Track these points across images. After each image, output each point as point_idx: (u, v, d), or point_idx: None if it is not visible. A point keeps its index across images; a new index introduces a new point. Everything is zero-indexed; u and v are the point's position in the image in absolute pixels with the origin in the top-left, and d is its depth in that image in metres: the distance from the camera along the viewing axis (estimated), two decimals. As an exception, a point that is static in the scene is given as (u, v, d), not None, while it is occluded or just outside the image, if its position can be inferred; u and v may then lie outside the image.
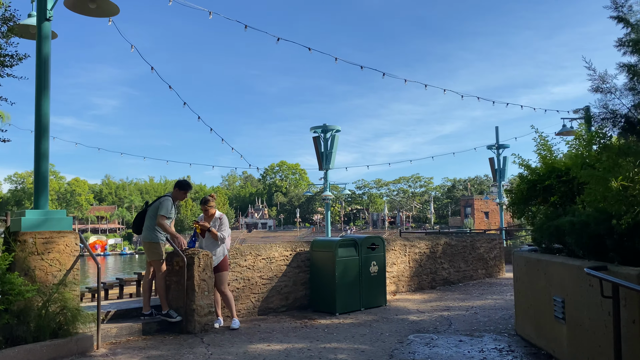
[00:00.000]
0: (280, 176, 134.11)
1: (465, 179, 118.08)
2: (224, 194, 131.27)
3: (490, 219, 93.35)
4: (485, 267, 12.00)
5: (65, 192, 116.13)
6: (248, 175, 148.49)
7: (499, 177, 31.41)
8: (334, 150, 21.71)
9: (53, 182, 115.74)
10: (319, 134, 22.20)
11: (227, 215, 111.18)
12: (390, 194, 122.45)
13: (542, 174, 6.67)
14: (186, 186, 7.15)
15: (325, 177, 21.96)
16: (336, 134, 22.06)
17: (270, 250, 8.04)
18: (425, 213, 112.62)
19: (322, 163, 21.91)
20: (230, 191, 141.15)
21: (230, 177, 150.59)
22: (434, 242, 10.82)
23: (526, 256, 6.03)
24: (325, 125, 21.80)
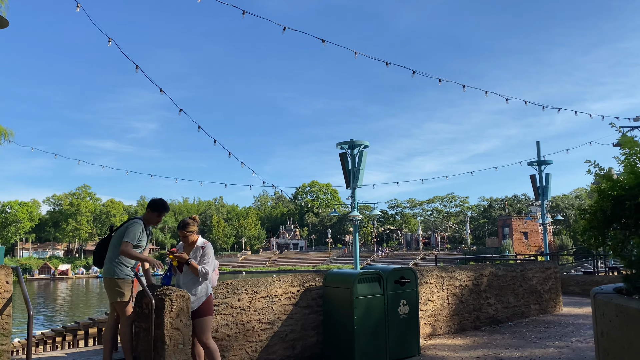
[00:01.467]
0: (312, 196, 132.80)
1: (502, 198, 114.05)
2: (255, 215, 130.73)
3: (529, 240, 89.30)
4: (539, 301, 10.06)
5: (100, 214, 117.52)
6: (280, 196, 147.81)
7: (542, 196, 29.01)
8: (362, 167, 20.08)
9: (89, 204, 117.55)
10: (345, 150, 20.63)
11: (259, 236, 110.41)
12: (424, 214, 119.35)
13: (631, 186, 4.89)
14: (161, 207, 5.69)
15: (352, 196, 20.28)
16: (364, 150, 20.43)
17: (272, 285, 6.41)
18: (461, 234, 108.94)
19: (350, 181, 20.28)
20: (262, 211, 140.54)
21: (262, 197, 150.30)
22: (478, 273, 9.01)
23: (622, 305, 4.21)
24: (353, 140, 20.22)
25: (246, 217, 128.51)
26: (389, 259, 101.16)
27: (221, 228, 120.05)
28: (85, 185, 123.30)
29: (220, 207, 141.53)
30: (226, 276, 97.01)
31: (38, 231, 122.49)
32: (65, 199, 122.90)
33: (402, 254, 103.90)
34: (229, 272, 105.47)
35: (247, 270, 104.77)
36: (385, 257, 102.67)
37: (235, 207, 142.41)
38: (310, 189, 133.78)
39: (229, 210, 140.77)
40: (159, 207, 5.66)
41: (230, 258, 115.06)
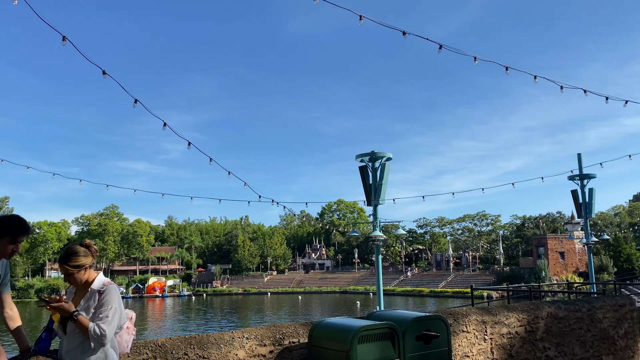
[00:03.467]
0: (338, 215, 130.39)
1: (535, 216, 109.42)
2: (281, 234, 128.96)
3: (566, 260, 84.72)
4: (613, 350, 7.64)
5: (127, 234, 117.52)
6: (306, 215, 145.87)
7: (585, 213, 26.11)
8: (384, 182, 17.87)
9: (116, 224, 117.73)
10: (365, 162, 18.49)
11: (285, 256, 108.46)
12: (455, 233, 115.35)
13: None
14: (10, 228, 3.53)
15: (374, 213, 18.06)
16: (387, 162, 18.25)
17: (231, 345, 4.24)
18: (493, 253, 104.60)
19: (371, 197, 18.08)
20: (288, 231, 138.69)
21: (287, 216, 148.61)
22: (531, 315, 6.71)
23: None
24: (374, 152, 18.07)
25: (272, 236, 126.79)
26: (417, 279, 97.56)
27: (247, 248, 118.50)
28: (113, 206, 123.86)
29: (246, 227, 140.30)
30: (251, 297, 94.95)
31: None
32: (93, 219, 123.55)
33: (432, 274, 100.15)
34: (254, 293, 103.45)
35: (272, 291, 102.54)
36: (414, 278, 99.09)
37: (261, 227, 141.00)
38: (336, 208, 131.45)
39: (254, 229, 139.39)
40: (8, 228, 3.48)
41: (255, 278, 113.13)
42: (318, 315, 58.01)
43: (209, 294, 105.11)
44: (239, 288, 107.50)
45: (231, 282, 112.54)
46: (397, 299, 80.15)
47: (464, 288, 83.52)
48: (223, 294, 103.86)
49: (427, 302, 74.12)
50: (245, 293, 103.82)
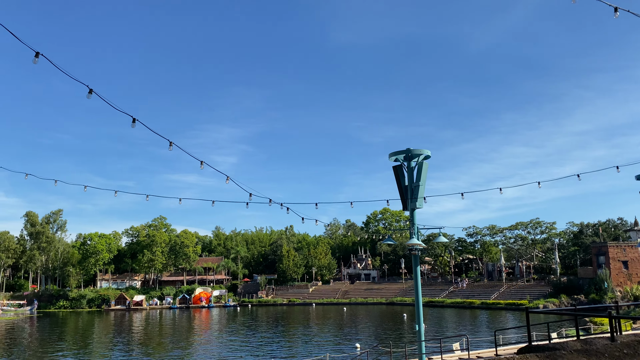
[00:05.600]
0: (384, 224, 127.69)
1: (594, 223, 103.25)
2: (326, 244, 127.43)
3: (630, 270, 78.96)
4: None
5: (174, 244, 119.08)
6: (351, 224, 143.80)
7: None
8: (422, 182, 16.05)
9: (163, 235, 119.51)
10: (400, 161, 16.72)
11: (330, 266, 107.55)
12: (507, 241, 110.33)
13: None
14: None
15: (411, 219, 16.25)
16: (424, 161, 16.42)
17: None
18: (548, 263, 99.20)
19: (407, 200, 16.30)
20: (333, 240, 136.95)
21: (332, 225, 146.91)
22: None
23: None
24: (410, 150, 16.31)
25: (316, 246, 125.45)
26: (468, 291, 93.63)
27: (291, 258, 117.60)
28: (161, 217, 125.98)
29: (291, 236, 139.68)
30: (296, 308, 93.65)
31: (117, 262, 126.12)
32: (142, 230, 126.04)
33: (483, 285, 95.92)
34: (299, 303, 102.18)
35: (317, 302, 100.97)
36: (464, 289, 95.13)
37: (306, 236, 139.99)
38: (382, 217, 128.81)
39: (299, 239, 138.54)
40: None
41: (300, 289, 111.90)
42: (364, 328, 55.89)
43: (254, 304, 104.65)
44: (284, 299, 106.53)
45: (276, 292, 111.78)
46: (447, 311, 76.85)
47: (517, 299, 79.19)
48: (268, 305, 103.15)
49: (479, 314, 70.52)
50: (290, 304, 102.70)
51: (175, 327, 63.60)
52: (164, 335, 54.26)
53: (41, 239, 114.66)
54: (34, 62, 8.08)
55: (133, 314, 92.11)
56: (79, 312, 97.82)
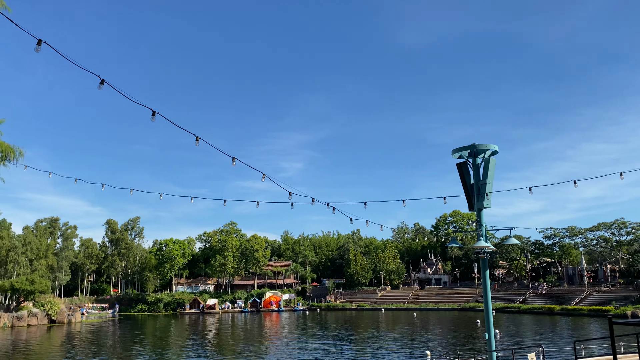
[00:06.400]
0: (454, 227, 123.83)
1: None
2: (394, 248, 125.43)
3: None
4: None
5: (245, 249, 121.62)
6: (419, 227, 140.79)
7: None
8: (489, 180, 14.92)
9: (234, 239, 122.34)
10: (465, 158, 15.66)
11: (398, 271, 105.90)
12: (588, 243, 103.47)
13: None
14: None
15: (478, 219, 15.13)
16: (491, 157, 15.28)
17: None
18: (636, 265, 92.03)
19: (473, 200, 15.21)
20: (401, 244, 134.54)
21: (400, 229, 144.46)
22: None
23: None
24: (474, 145, 15.23)
25: (384, 250, 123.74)
26: (547, 296, 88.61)
27: (359, 262, 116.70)
28: (232, 222, 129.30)
29: (358, 240, 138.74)
30: (365, 313, 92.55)
31: (191, 267, 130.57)
32: (214, 235, 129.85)
33: (563, 290, 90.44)
34: (367, 308, 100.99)
35: (386, 307, 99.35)
36: (541, 294, 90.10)
37: (373, 240, 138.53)
38: (452, 220, 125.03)
39: (366, 243, 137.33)
40: None
41: (368, 294, 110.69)
42: (436, 334, 54.10)
43: (323, 308, 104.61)
44: (352, 303, 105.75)
45: (344, 296, 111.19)
46: (524, 318, 72.98)
47: (601, 305, 73.90)
48: (337, 309, 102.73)
49: (559, 321, 66.35)
50: (358, 309, 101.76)
51: (247, 331, 64.53)
52: (237, 338, 55.15)
53: (121, 246, 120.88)
54: (99, 89, 8.15)
55: (206, 317, 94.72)
56: (156, 316, 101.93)
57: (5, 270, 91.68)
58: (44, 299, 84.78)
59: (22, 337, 60.92)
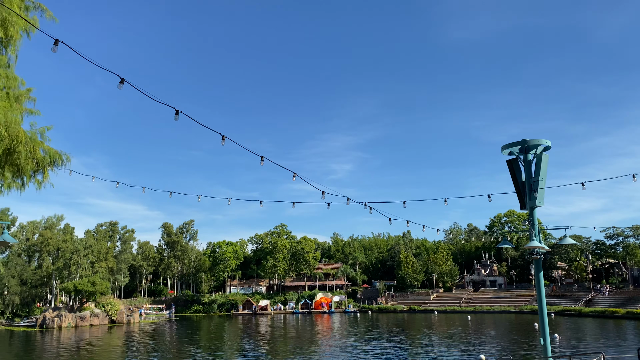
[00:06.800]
0: (509, 227, 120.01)
1: None
2: (446, 249, 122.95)
3: None
4: None
5: (295, 250, 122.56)
6: (473, 228, 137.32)
7: None
8: (541, 177, 14.24)
9: (285, 241, 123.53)
10: (515, 154, 15.04)
11: (451, 272, 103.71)
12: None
13: None
14: None
15: (530, 219, 14.47)
16: (543, 152, 14.59)
17: None
18: None
19: (524, 198, 14.57)
20: (454, 245, 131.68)
21: (452, 230, 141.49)
22: None
23: None
24: (525, 141, 14.59)
25: (436, 252, 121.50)
26: (610, 298, 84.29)
27: (410, 264, 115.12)
28: (282, 224, 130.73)
29: (409, 242, 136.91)
30: (417, 316, 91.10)
31: (244, 268, 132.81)
32: (265, 237, 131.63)
33: (629, 292, 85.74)
34: (420, 311, 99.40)
35: (439, 310, 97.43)
36: (604, 297, 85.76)
37: (425, 242, 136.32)
38: (507, 220, 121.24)
39: (417, 245, 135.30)
40: None
41: (421, 296, 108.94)
42: (491, 338, 52.51)
43: (374, 310, 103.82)
44: (404, 305, 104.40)
45: (396, 299, 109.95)
46: (585, 321, 69.68)
47: (672, 309, 69.55)
48: (388, 312, 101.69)
49: (625, 325, 62.90)
50: (410, 311, 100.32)
51: (299, 332, 64.89)
52: (289, 339, 55.55)
53: (176, 248, 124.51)
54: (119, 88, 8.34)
55: (259, 318, 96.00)
56: (211, 316, 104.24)
57: (69, 273, 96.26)
58: (104, 300, 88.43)
59: (85, 337, 63.76)
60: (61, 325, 77.60)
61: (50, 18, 10.40)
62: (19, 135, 8.78)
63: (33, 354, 47.26)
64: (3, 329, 78.16)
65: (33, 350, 50.50)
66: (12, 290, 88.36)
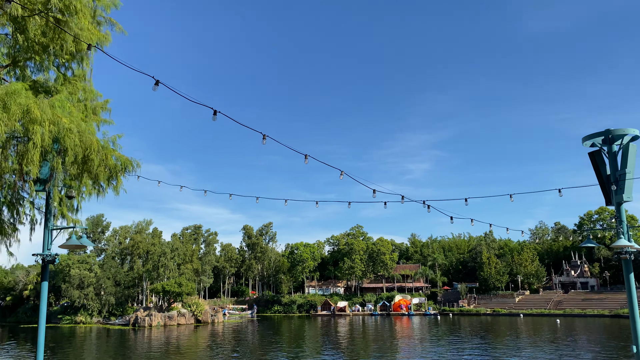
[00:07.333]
0: (601, 225, 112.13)
1: None
2: (532, 249, 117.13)
3: None
4: None
5: (371, 252, 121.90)
6: (561, 227, 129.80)
7: None
8: (628, 170, 13.03)
9: (361, 243, 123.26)
10: (598, 146, 13.90)
11: (538, 274, 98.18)
12: None
13: None
14: None
15: (617, 215, 13.25)
16: (631, 143, 13.36)
17: None
18: None
19: (610, 194, 13.41)
20: (540, 245, 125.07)
21: (538, 229, 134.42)
22: None
23: None
24: (609, 130, 13.44)
25: (521, 252, 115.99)
26: None
27: (492, 265, 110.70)
28: (358, 226, 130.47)
29: (491, 243, 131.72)
30: (502, 319, 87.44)
31: (321, 269, 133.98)
32: (341, 239, 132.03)
33: None
34: (504, 314, 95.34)
35: (525, 313, 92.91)
36: None
37: (509, 242, 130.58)
38: (598, 217, 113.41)
39: (500, 245, 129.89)
40: None
41: (505, 298, 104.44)
42: (583, 344, 49.21)
43: (456, 313, 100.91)
44: (487, 308, 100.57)
45: (478, 301, 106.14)
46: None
47: None
48: (470, 314, 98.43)
49: None
50: (494, 314, 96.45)
51: (378, 333, 64.40)
52: (369, 341, 55.25)
53: (256, 250, 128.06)
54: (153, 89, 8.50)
55: (338, 319, 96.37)
56: (291, 317, 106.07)
57: (158, 274, 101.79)
58: (190, 300, 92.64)
59: (174, 335, 67.08)
60: (151, 324, 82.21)
61: (120, 31, 10.95)
62: (92, 144, 9.27)
63: (129, 350, 50.35)
64: (101, 327, 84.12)
65: (127, 347, 53.81)
66: (107, 291, 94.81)
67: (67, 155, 8.97)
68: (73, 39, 9.03)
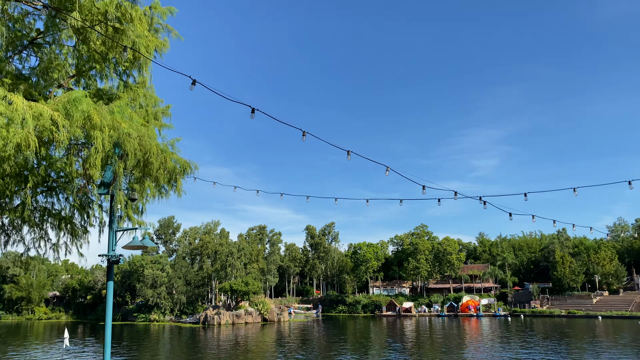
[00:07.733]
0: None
1: None
2: (610, 248, 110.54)
3: None
4: None
5: (437, 252, 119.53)
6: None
7: None
8: None
9: (426, 242, 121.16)
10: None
11: (617, 273, 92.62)
12: None
13: None
14: None
15: None
16: None
17: None
18: None
19: (698, 185, 12.22)
20: (619, 244, 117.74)
21: (617, 226, 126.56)
22: None
23: None
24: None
25: (598, 250, 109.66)
26: None
27: (567, 264, 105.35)
28: (422, 225, 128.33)
29: (565, 241, 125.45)
30: (578, 321, 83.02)
31: (385, 270, 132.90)
32: (405, 238, 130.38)
33: None
34: (580, 316, 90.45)
35: (603, 315, 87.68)
36: None
37: (584, 240, 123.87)
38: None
39: (575, 243, 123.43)
40: None
41: (581, 299, 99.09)
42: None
43: (527, 314, 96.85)
44: (561, 310, 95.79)
45: (551, 302, 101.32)
46: None
47: None
48: (543, 316, 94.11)
49: None
50: (569, 316, 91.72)
51: (446, 336, 62.90)
52: (437, 343, 54.08)
53: (319, 249, 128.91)
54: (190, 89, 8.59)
55: (403, 320, 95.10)
56: (355, 317, 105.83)
57: (225, 274, 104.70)
58: (256, 299, 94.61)
59: (242, 333, 68.73)
60: (220, 323, 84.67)
61: (176, 37, 11.21)
62: (151, 148, 9.52)
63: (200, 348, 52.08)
64: (173, 325, 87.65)
65: (198, 345, 55.67)
66: (179, 290, 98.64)
67: (128, 159, 9.27)
68: (132, 45, 9.32)
